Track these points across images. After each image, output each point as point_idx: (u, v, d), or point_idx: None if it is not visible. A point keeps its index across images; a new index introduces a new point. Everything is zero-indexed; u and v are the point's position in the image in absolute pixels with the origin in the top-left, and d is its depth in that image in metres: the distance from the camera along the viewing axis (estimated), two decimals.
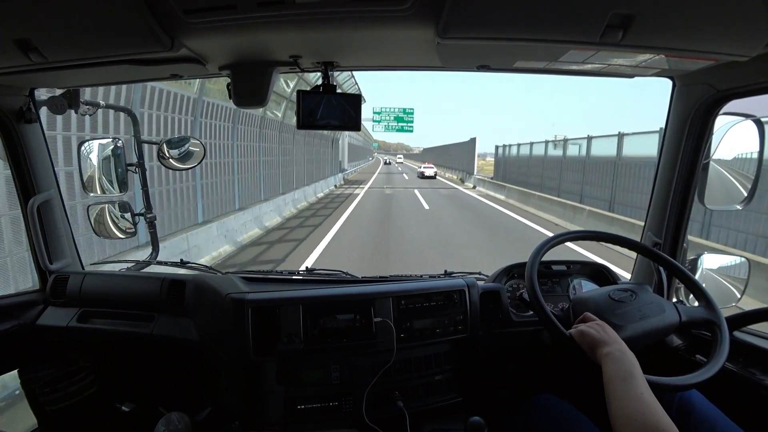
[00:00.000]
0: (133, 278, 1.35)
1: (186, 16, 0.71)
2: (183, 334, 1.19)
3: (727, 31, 0.71)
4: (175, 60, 0.92)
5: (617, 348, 0.79)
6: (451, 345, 1.22)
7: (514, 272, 1.34)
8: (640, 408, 0.67)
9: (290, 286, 1.27)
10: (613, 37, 0.70)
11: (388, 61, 1.05)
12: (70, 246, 1.40)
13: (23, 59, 0.81)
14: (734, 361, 1.03)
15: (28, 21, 0.73)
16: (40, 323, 1.28)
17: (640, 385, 0.71)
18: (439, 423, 1.17)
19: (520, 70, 1.06)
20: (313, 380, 1.12)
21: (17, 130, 1.22)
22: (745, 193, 1.10)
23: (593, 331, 0.84)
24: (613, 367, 0.75)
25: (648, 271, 1.28)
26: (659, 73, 1.05)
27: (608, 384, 0.73)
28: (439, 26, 0.72)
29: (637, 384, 0.71)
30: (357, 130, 1.04)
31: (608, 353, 0.78)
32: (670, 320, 0.93)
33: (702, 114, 1.09)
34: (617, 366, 0.75)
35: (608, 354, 0.78)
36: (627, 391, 0.70)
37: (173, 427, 1.20)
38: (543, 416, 0.95)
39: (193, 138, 1.57)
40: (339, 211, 10.55)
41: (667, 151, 1.19)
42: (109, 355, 1.39)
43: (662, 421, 0.64)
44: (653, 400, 0.68)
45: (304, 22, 0.75)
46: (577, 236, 1.11)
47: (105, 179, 1.42)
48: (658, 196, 1.24)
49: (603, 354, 0.78)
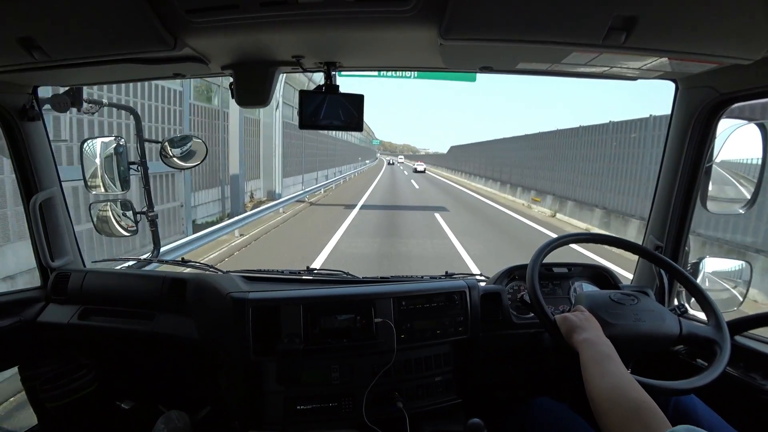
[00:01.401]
0: (134, 276, 1.35)
1: (189, 15, 0.71)
2: (183, 333, 1.19)
3: (731, 34, 0.71)
4: (178, 59, 0.92)
5: (594, 334, 0.80)
6: (451, 346, 1.22)
7: (515, 274, 1.34)
8: (618, 384, 0.66)
9: (291, 285, 1.27)
10: (616, 39, 0.70)
11: (391, 61, 1.06)
12: (71, 243, 1.40)
13: (26, 57, 0.81)
14: (735, 366, 1.02)
15: (32, 19, 0.73)
16: (41, 320, 1.28)
17: (617, 365, 0.71)
18: (438, 424, 1.16)
19: (523, 71, 1.05)
20: (313, 380, 1.12)
21: (20, 128, 1.23)
22: (748, 197, 1.09)
23: (574, 317, 0.86)
24: (589, 350, 0.76)
25: (649, 275, 1.28)
26: (662, 76, 1.05)
27: (585, 368, 0.73)
28: (442, 27, 0.72)
29: (614, 364, 0.71)
30: (359, 130, 1.05)
31: (585, 339, 0.79)
32: (668, 331, 0.92)
33: (705, 117, 1.09)
34: (593, 349, 0.76)
35: (585, 339, 0.79)
36: (604, 371, 0.70)
37: (173, 426, 1.20)
38: (542, 419, 0.95)
39: (194, 137, 1.58)
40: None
41: (670, 154, 1.19)
42: (109, 352, 1.39)
43: (642, 395, 0.63)
44: (630, 378, 0.67)
45: (307, 22, 0.76)
46: (579, 239, 1.11)
47: (107, 177, 1.42)
48: (660, 199, 1.23)
49: (579, 340, 0.79)
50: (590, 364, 0.73)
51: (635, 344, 0.90)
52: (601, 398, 0.65)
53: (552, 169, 12.40)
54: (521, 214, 11.65)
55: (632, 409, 0.60)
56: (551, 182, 12.38)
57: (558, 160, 12.08)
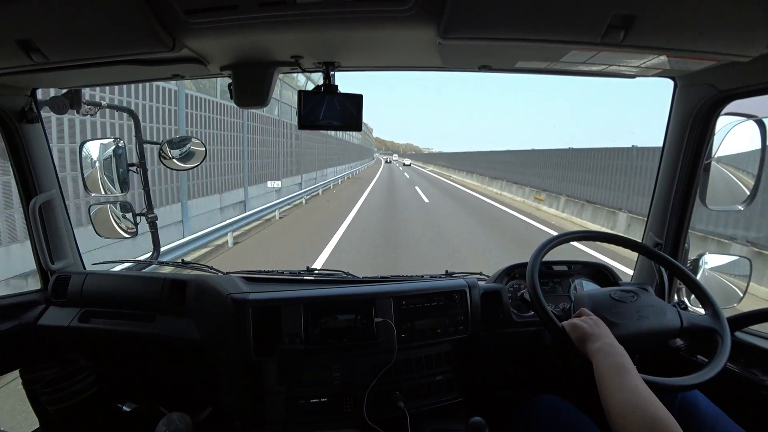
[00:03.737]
0: (134, 278, 1.35)
1: (187, 16, 0.71)
2: (184, 335, 1.19)
3: (729, 31, 0.71)
4: (177, 60, 0.92)
5: (607, 342, 0.79)
6: (452, 345, 1.22)
7: (515, 272, 1.34)
8: (636, 400, 0.66)
9: (291, 286, 1.26)
10: (615, 37, 0.70)
11: (390, 61, 1.05)
12: (71, 246, 1.40)
13: (25, 59, 0.81)
14: (736, 362, 1.02)
15: (30, 21, 0.73)
16: (41, 323, 1.28)
17: (633, 378, 0.70)
18: (440, 423, 1.17)
19: (522, 70, 1.06)
20: (314, 380, 1.12)
21: (19, 130, 1.22)
22: (747, 193, 1.09)
23: (585, 324, 0.85)
24: (605, 361, 0.75)
25: (649, 272, 1.28)
26: (661, 74, 1.05)
27: (601, 378, 0.73)
28: (441, 26, 0.72)
29: (630, 376, 0.71)
30: (359, 130, 1.05)
31: (599, 348, 0.78)
32: (670, 324, 0.92)
33: (704, 114, 1.09)
34: (608, 360, 0.75)
35: (599, 349, 0.78)
36: (621, 384, 0.69)
37: (174, 427, 1.20)
38: (544, 417, 0.95)
39: (194, 138, 1.58)
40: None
41: (669, 151, 1.19)
42: (110, 355, 1.39)
43: (660, 412, 0.63)
44: (649, 392, 0.67)
45: (306, 23, 0.75)
46: (578, 236, 1.11)
47: (106, 179, 1.42)
48: (659, 197, 1.24)
49: (593, 349, 0.79)
50: (607, 377, 0.72)
51: (640, 341, 0.91)
52: (619, 413, 0.65)
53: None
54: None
55: (650, 427, 0.61)
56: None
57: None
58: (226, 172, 8.75)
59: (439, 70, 1.13)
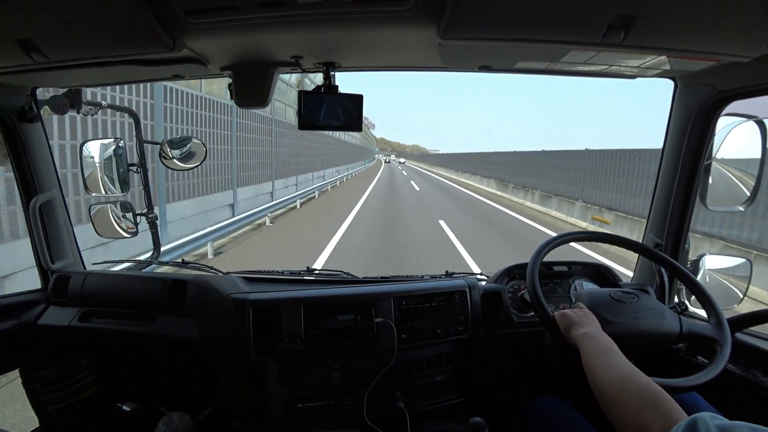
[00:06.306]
0: (134, 278, 1.35)
1: (187, 16, 0.71)
2: (184, 334, 1.19)
3: (729, 31, 0.71)
4: (177, 60, 0.92)
5: (593, 329, 0.80)
6: (452, 345, 1.22)
7: (515, 273, 1.34)
8: (626, 371, 0.65)
9: (291, 286, 1.26)
10: (615, 37, 0.70)
11: (390, 61, 1.05)
12: (71, 245, 1.40)
13: (25, 59, 0.81)
14: (736, 363, 1.02)
15: (30, 20, 0.73)
16: (41, 323, 1.28)
17: (621, 356, 0.70)
18: (440, 423, 1.16)
19: (522, 70, 1.05)
20: (314, 380, 1.12)
21: (19, 130, 1.22)
22: (748, 194, 1.09)
23: (573, 314, 0.86)
24: (590, 344, 0.75)
25: (649, 273, 1.28)
26: (661, 74, 1.05)
27: (588, 360, 0.72)
28: (441, 27, 0.72)
29: (616, 354, 0.70)
30: (359, 130, 1.04)
31: (584, 333, 0.79)
32: (669, 329, 0.92)
33: (704, 115, 1.09)
34: (594, 342, 0.75)
35: (584, 334, 0.78)
36: (609, 361, 0.69)
37: (174, 427, 1.20)
38: (543, 417, 0.95)
39: (194, 138, 1.58)
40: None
41: (669, 152, 1.19)
42: (110, 354, 1.39)
43: (652, 383, 0.61)
44: (637, 369, 0.66)
45: (306, 23, 0.75)
46: (579, 237, 1.11)
47: (107, 179, 1.42)
48: (659, 197, 1.23)
49: (579, 334, 0.79)
50: (593, 357, 0.71)
51: (635, 342, 0.90)
52: (611, 388, 0.63)
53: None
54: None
55: (644, 396, 0.59)
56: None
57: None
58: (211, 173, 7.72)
59: (439, 71, 1.13)
